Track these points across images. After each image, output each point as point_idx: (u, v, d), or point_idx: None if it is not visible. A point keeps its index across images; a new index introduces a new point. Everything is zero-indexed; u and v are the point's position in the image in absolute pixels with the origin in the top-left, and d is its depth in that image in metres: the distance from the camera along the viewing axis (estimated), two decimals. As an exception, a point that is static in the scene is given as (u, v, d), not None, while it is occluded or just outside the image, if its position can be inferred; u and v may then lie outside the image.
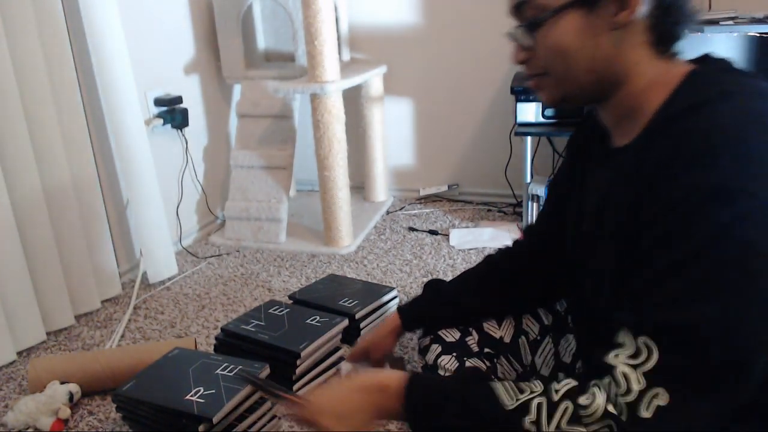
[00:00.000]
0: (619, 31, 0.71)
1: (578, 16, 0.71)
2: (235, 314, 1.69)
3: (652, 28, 0.72)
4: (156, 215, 1.91)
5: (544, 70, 0.77)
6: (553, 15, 0.72)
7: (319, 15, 1.83)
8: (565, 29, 0.72)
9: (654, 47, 0.73)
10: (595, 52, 0.72)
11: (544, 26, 0.73)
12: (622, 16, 0.70)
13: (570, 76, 0.75)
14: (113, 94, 1.74)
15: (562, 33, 0.72)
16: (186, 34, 2.21)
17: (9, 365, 1.51)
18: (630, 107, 0.74)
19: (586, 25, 0.71)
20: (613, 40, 0.72)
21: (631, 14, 0.70)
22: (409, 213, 2.46)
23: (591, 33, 0.72)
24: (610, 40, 0.72)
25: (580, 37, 0.72)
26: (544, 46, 0.74)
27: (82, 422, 1.28)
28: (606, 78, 0.74)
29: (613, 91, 0.75)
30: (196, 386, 1.13)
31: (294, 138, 2.23)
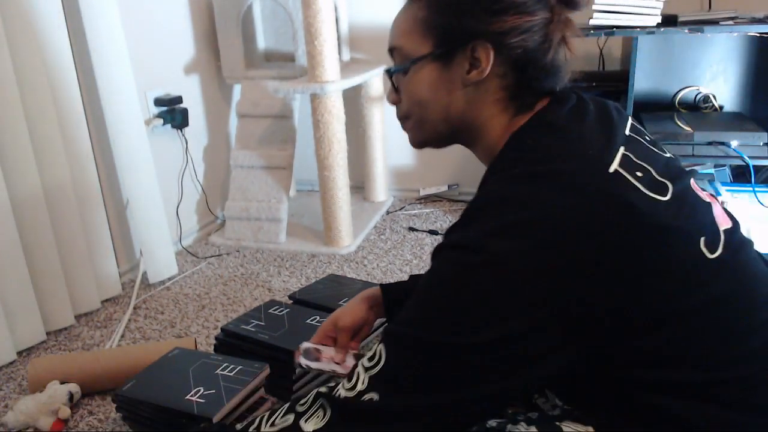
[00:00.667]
0: (471, 87, 0.75)
1: (434, 69, 0.76)
2: (235, 314, 1.69)
3: (507, 87, 0.75)
4: (156, 215, 1.91)
5: (405, 114, 0.82)
6: (413, 64, 0.77)
7: (319, 15, 1.83)
8: (422, 79, 0.77)
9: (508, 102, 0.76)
10: (449, 105, 0.77)
11: (407, 74, 0.78)
12: (472, 75, 0.74)
13: (426, 123, 0.80)
14: (113, 94, 1.74)
15: (419, 83, 0.77)
16: (186, 34, 2.21)
17: (9, 365, 1.51)
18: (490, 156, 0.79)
19: (440, 79, 0.76)
20: (466, 95, 0.76)
21: (481, 75, 0.73)
22: (409, 213, 2.46)
23: (445, 86, 0.76)
24: (463, 95, 0.76)
25: (435, 88, 0.77)
26: (405, 92, 0.80)
27: (82, 422, 1.28)
28: (461, 128, 0.79)
29: (471, 140, 0.80)
30: (196, 386, 1.13)
31: (294, 138, 2.23)
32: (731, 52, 2.08)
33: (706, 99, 2.12)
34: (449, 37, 0.74)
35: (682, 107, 2.14)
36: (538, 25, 0.72)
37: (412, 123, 0.82)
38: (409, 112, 0.82)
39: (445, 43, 0.74)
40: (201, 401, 1.09)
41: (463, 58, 0.74)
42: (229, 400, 1.09)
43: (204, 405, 1.08)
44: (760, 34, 1.90)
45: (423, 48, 0.76)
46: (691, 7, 2.11)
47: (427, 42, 0.75)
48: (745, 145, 1.80)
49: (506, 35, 0.71)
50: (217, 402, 1.08)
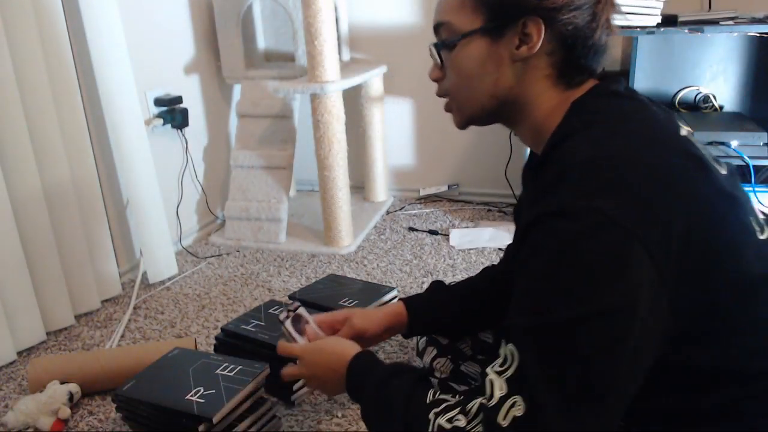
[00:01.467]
0: (521, 63, 0.75)
1: (484, 44, 0.75)
2: (235, 314, 1.69)
3: (555, 64, 0.75)
4: (156, 215, 1.91)
5: (449, 91, 0.82)
6: (461, 39, 0.76)
7: (319, 15, 1.83)
8: (470, 54, 0.76)
9: (557, 80, 0.76)
10: (497, 81, 0.76)
11: (453, 49, 0.77)
12: (522, 50, 0.74)
13: (471, 100, 0.80)
14: (113, 94, 1.74)
15: (467, 58, 0.77)
16: (186, 34, 2.21)
17: (9, 365, 1.51)
18: (536, 133, 0.78)
19: (490, 54, 0.75)
20: (515, 71, 0.76)
21: (531, 50, 0.73)
22: (409, 213, 2.46)
23: (494, 62, 0.76)
24: (512, 71, 0.76)
25: (484, 64, 0.76)
26: (451, 68, 0.79)
27: (82, 422, 1.28)
28: (508, 105, 0.78)
29: (518, 117, 0.79)
30: (196, 386, 1.13)
31: (294, 138, 2.23)
32: (731, 52, 2.08)
33: (706, 99, 2.12)
34: (500, 11, 0.73)
35: (682, 107, 2.14)
36: (587, 3, 0.72)
37: (457, 101, 0.82)
38: (454, 89, 0.81)
39: (496, 18, 0.74)
40: (201, 401, 1.09)
41: (513, 34, 0.73)
42: (229, 400, 1.09)
43: (204, 405, 1.08)
44: (760, 34, 1.90)
45: (473, 23, 0.75)
46: (691, 7, 2.12)
47: (478, 17, 0.75)
48: (745, 145, 1.80)
49: (557, 11, 0.71)
50: (217, 402, 1.08)
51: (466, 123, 0.84)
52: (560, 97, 0.76)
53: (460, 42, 0.76)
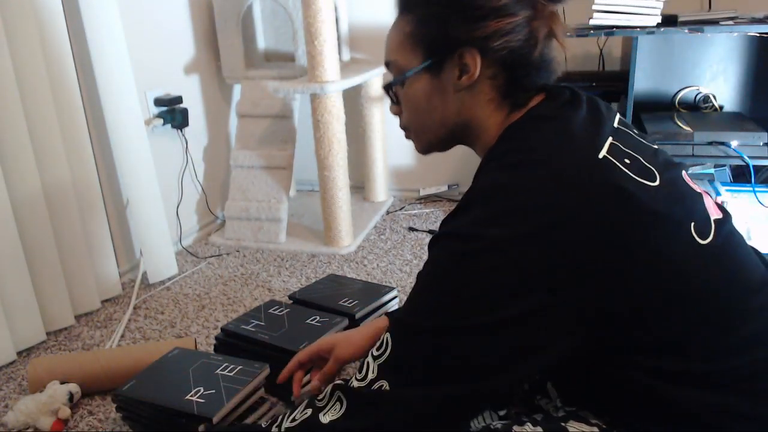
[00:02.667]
0: (464, 91, 0.78)
1: (427, 79, 0.79)
2: (235, 314, 1.69)
3: (499, 87, 0.77)
4: (156, 215, 1.91)
5: (408, 124, 0.86)
6: (407, 77, 0.81)
7: (319, 15, 1.83)
8: (417, 90, 0.81)
9: (502, 101, 0.78)
10: (445, 110, 0.80)
11: (403, 86, 0.82)
12: (463, 80, 0.77)
13: (426, 130, 0.84)
14: (113, 94, 1.74)
15: (415, 93, 0.81)
16: (186, 34, 2.21)
17: (9, 365, 1.51)
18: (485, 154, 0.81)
19: (434, 87, 0.79)
20: (460, 99, 0.79)
21: (471, 79, 0.76)
22: (409, 213, 2.46)
23: (439, 94, 0.79)
24: (457, 100, 0.79)
25: (430, 97, 0.80)
26: (404, 103, 0.84)
27: (82, 422, 1.28)
28: (459, 131, 0.82)
29: (471, 140, 0.83)
30: (196, 386, 1.13)
31: (294, 138, 2.23)
32: (731, 52, 2.08)
33: (706, 99, 2.12)
34: (436, 47, 0.77)
35: (682, 107, 2.14)
36: (521, 24, 0.74)
37: (413, 132, 0.86)
38: (409, 122, 0.85)
39: (433, 54, 0.78)
40: (201, 401, 1.09)
41: (452, 66, 0.77)
42: (229, 400, 1.09)
43: (204, 405, 1.08)
44: (760, 34, 1.90)
45: (414, 60, 0.79)
46: (691, 7, 2.11)
47: (418, 54, 0.79)
48: (745, 145, 1.80)
49: (490, 39, 0.74)
50: (217, 402, 1.08)
51: (426, 150, 0.88)
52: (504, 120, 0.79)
53: (407, 80, 0.81)
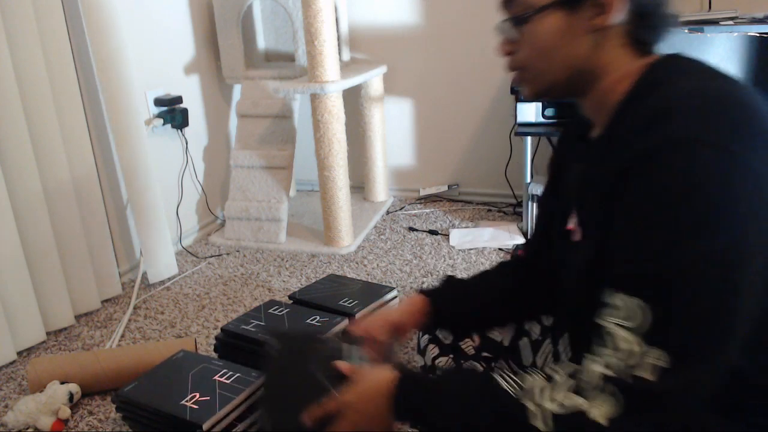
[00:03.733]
0: (597, 33, 0.75)
1: (559, 16, 0.75)
2: (235, 314, 1.69)
3: (629, 33, 0.76)
4: (156, 215, 1.91)
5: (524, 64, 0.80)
6: (536, 13, 0.76)
7: (319, 15, 1.83)
8: (546, 28, 0.76)
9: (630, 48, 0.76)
10: (573, 52, 0.76)
11: (528, 23, 0.77)
12: (599, 20, 0.74)
13: (548, 72, 0.79)
14: (113, 94, 1.74)
15: (543, 31, 0.76)
16: (186, 34, 2.21)
17: (9, 365, 1.51)
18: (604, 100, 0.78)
19: (566, 26, 0.76)
20: (591, 41, 0.76)
21: (608, 19, 0.73)
22: (409, 213, 2.46)
23: (570, 33, 0.76)
24: (588, 42, 0.76)
25: (560, 36, 0.76)
26: (526, 42, 0.78)
27: (82, 422, 1.28)
28: (582, 75, 0.78)
29: (589, 87, 0.79)
30: (192, 391, 1.14)
31: (294, 138, 2.23)
32: (731, 52, 2.08)
33: (706, 99, 2.12)
34: None
35: (682, 107, 2.14)
36: None
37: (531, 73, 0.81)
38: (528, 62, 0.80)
39: None
40: (195, 407, 1.09)
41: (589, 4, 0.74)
42: (221, 408, 1.09)
43: (197, 411, 1.09)
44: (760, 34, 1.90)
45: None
46: (691, 7, 2.12)
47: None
48: (745, 145, 1.80)
49: None
50: (210, 410, 1.09)
51: (540, 95, 0.83)
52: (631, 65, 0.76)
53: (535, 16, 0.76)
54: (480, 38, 2.34)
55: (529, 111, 2.00)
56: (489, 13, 2.29)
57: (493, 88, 2.40)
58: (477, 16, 2.32)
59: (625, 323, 0.62)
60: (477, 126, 2.48)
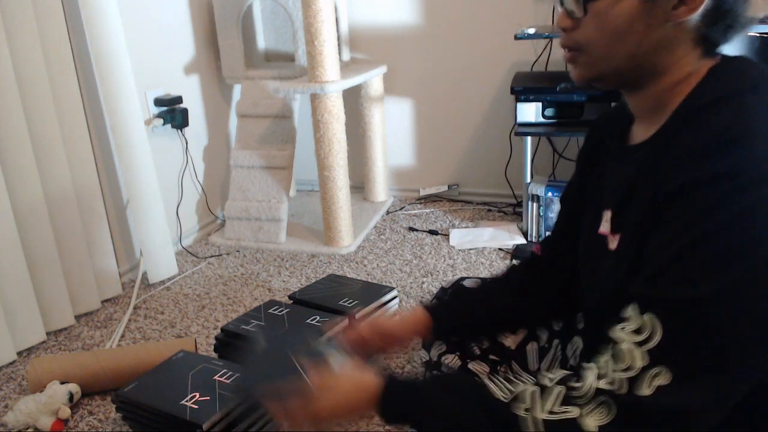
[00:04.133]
0: (671, 25, 0.70)
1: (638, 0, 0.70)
2: (235, 314, 1.69)
3: (703, 29, 0.71)
4: (156, 215, 1.91)
5: (584, 44, 0.74)
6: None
7: (319, 15, 1.83)
8: (622, 10, 0.70)
9: (700, 46, 0.72)
10: (643, 41, 0.71)
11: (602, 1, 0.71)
12: (680, 11, 0.69)
13: (609, 57, 0.73)
14: (113, 94, 1.74)
15: (618, 13, 0.71)
16: (186, 34, 2.21)
17: (9, 365, 1.51)
18: (660, 100, 0.74)
19: (642, 12, 0.70)
20: (664, 33, 0.71)
21: (690, 12, 0.69)
22: (409, 213, 2.46)
23: (645, 21, 0.70)
24: (661, 33, 0.71)
25: (634, 22, 0.70)
26: (593, 20, 0.72)
27: (82, 422, 1.28)
28: (645, 68, 0.73)
29: (647, 81, 0.74)
30: (192, 391, 1.14)
31: (294, 138, 2.23)
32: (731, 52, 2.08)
33: (706, 99, 2.12)
34: None
35: (682, 107, 2.14)
36: None
37: (589, 56, 0.75)
38: (589, 43, 0.74)
39: None
40: (195, 407, 1.09)
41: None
42: (221, 408, 1.09)
43: (196, 411, 1.09)
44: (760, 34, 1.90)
45: None
46: (691, 7, 2.11)
47: None
48: (745, 145, 1.80)
49: None
50: (209, 410, 1.09)
51: (592, 80, 0.77)
52: (696, 65, 0.72)
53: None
54: (480, 38, 2.34)
55: (529, 111, 2.00)
56: (489, 13, 2.29)
57: (493, 88, 2.40)
58: (477, 16, 2.32)
59: (634, 337, 0.62)
60: (477, 126, 2.48)
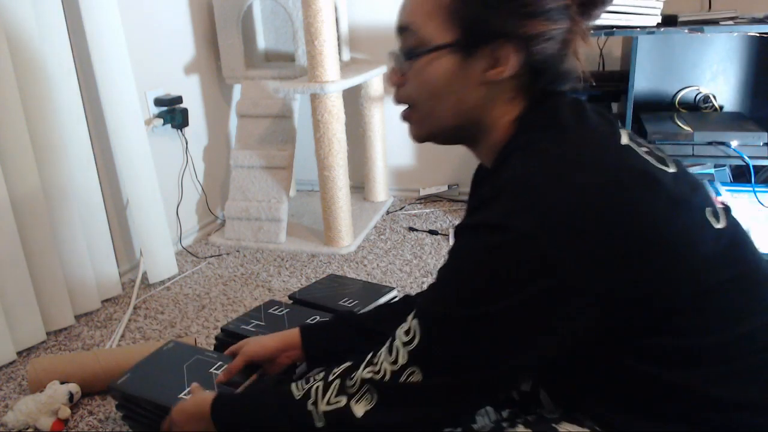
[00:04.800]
0: (487, 85, 0.73)
1: (453, 60, 0.72)
2: (235, 314, 1.69)
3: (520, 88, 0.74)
4: (156, 215, 1.91)
5: (411, 101, 0.78)
6: (430, 52, 0.73)
7: (319, 15, 1.83)
8: (438, 69, 0.73)
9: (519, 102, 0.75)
10: (462, 99, 0.74)
11: (420, 59, 0.74)
12: (491, 73, 0.72)
13: (434, 115, 0.77)
14: (113, 94, 1.74)
15: (435, 72, 0.74)
16: (186, 34, 2.21)
17: (9, 365, 1.51)
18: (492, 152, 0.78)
19: (458, 72, 0.73)
20: (481, 92, 0.74)
21: (501, 75, 0.72)
22: (409, 213, 2.46)
23: (461, 81, 0.73)
24: (478, 92, 0.74)
25: (450, 81, 0.73)
26: (416, 78, 0.76)
27: (82, 422, 1.28)
28: (469, 125, 0.77)
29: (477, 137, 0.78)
30: (190, 384, 1.13)
31: (294, 138, 2.23)
32: (731, 52, 2.08)
33: (706, 99, 2.12)
34: (475, 30, 0.71)
35: (682, 107, 2.14)
36: (559, 33, 0.71)
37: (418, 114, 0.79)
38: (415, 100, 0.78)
39: (469, 37, 0.71)
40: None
41: (484, 55, 0.71)
42: None
43: None
44: (760, 34, 1.90)
45: (444, 36, 0.72)
46: (691, 7, 2.12)
47: (450, 31, 0.71)
48: (745, 145, 1.80)
49: (531, 40, 0.70)
50: None
51: (424, 138, 0.81)
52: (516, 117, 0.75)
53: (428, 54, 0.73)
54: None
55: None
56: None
57: (493, 88, 2.40)
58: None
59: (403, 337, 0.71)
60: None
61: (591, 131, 0.71)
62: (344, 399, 0.73)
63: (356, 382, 0.73)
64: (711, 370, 0.66)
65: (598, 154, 0.67)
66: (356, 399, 0.73)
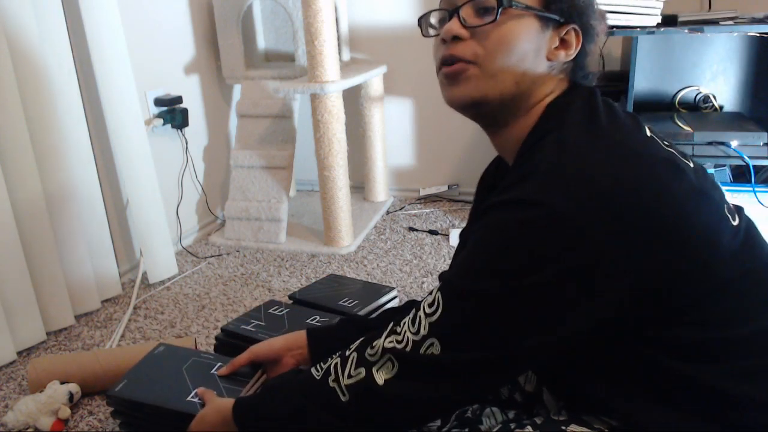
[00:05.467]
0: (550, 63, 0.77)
1: (534, 25, 0.74)
2: (235, 314, 1.69)
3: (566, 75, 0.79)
4: (156, 215, 1.91)
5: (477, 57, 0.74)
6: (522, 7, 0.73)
7: (319, 15, 1.83)
8: (523, 28, 0.74)
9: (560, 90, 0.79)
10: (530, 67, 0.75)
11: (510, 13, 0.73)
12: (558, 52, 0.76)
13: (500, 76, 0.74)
14: (113, 94, 1.74)
15: (519, 30, 0.74)
16: (186, 34, 2.21)
17: (9, 365, 1.51)
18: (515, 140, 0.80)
19: (537, 38, 0.75)
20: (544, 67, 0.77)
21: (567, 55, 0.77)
22: (409, 213, 2.46)
23: (537, 48, 0.75)
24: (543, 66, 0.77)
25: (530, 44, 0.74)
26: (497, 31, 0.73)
27: (82, 422, 1.28)
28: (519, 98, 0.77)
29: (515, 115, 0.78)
30: (194, 387, 1.12)
31: (294, 138, 2.23)
32: (731, 52, 2.08)
33: (706, 99, 2.12)
34: (560, 7, 0.75)
35: (682, 107, 2.14)
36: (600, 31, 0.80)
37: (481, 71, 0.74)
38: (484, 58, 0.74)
39: (552, 9, 0.75)
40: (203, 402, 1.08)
41: (556, 33, 0.76)
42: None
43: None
44: (760, 34, 1.90)
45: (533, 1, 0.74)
46: (691, 7, 2.12)
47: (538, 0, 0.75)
48: (745, 145, 1.80)
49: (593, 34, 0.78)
50: None
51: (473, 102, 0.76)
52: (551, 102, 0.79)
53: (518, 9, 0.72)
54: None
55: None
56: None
57: (493, 88, 2.40)
58: (477, 16, 2.32)
59: (427, 309, 0.72)
60: (477, 126, 2.47)
61: (621, 120, 0.73)
62: (363, 370, 0.74)
63: (378, 351, 0.74)
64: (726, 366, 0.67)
65: (630, 142, 0.69)
66: (377, 367, 0.73)
